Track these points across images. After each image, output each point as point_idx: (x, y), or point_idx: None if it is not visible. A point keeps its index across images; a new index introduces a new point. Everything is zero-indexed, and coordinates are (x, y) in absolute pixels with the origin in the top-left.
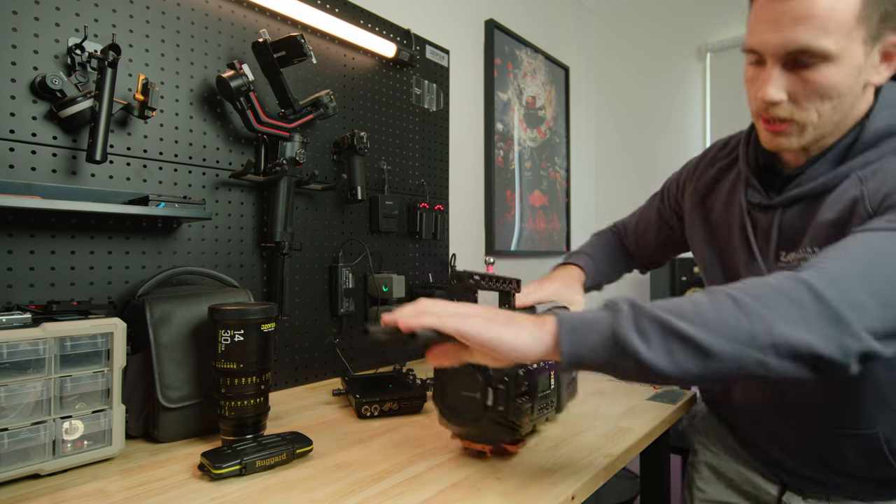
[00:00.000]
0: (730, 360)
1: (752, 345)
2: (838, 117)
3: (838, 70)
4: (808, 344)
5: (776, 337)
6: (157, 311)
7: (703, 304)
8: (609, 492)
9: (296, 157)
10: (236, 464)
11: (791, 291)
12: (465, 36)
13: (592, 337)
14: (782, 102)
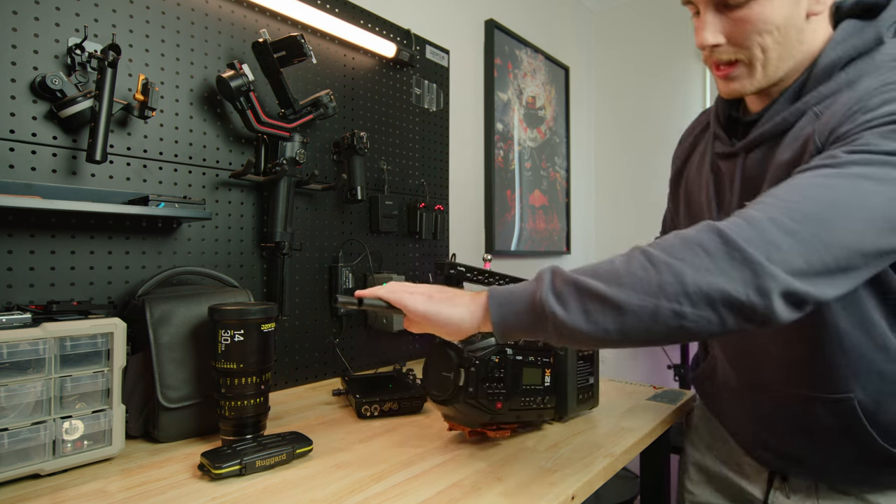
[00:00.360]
0: (644, 313)
1: (662, 295)
2: (785, 51)
3: (769, 4)
4: (719, 289)
5: (687, 285)
6: (157, 311)
7: (617, 263)
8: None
9: (296, 157)
10: (236, 464)
11: (702, 240)
12: (465, 36)
13: (517, 305)
14: (722, 45)
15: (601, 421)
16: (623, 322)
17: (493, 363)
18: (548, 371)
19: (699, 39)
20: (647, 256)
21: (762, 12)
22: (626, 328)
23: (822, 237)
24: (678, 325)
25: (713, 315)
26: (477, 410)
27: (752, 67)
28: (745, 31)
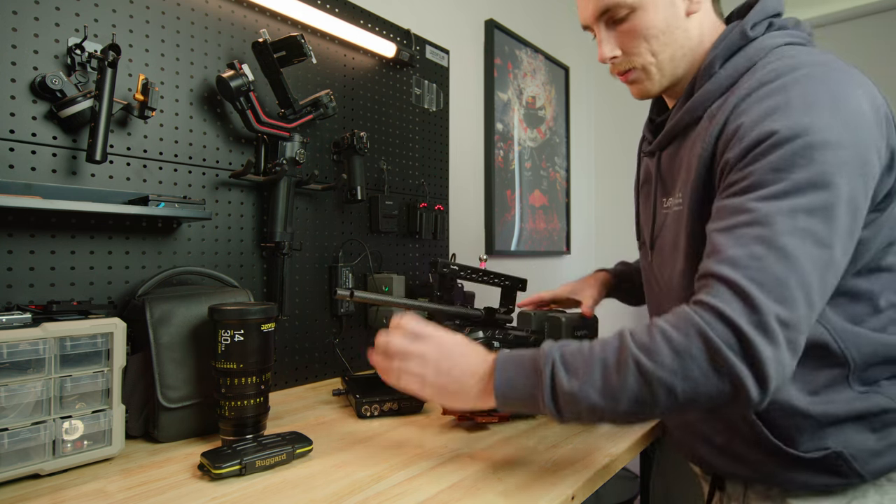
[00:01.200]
0: (635, 418)
1: (657, 408)
2: (674, 50)
3: (647, 13)
4: (708, 396)
5: (678, 400)
6: (157, 311)
7: (611, 372)
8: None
9: (296, 157)
10: (236, 464)
11: (690, 350)
12: (465, 36)
13: (519, 397)
14: (619, 56)
15: None
16: (614, 422)
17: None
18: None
19: (600, 55)
20: (640, 369)
21: (643, 21)
22: (616, 424)
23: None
24: (664, 416)
25: (693, 410)
26: None
27: (648, 71)
28: (633, 40)
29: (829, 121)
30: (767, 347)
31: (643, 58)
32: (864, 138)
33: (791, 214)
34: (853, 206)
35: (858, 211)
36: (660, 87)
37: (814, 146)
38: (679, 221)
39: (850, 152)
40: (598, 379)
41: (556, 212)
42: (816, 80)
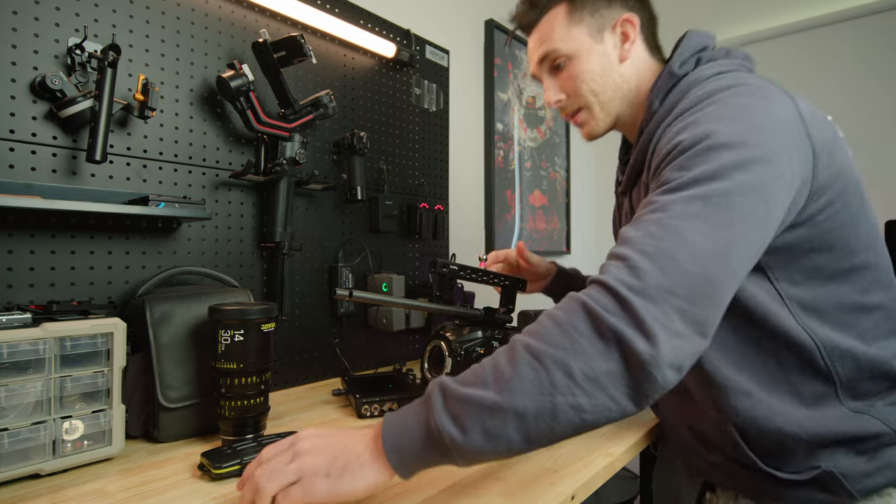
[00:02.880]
0: (544, 415)
1: (556, 391)
2: (613, 92)
3: (581, 61)
4: (605, 370)
5: (575, 375)
6: (157, 311)
7: (503, 364)
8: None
9: (296, 157)
10: (236, 464)
11: (574, 323)
12: (464, 36)
13: (413, 443)
14: (563, 99)
15: None
16: (526, 429)
17: (477, 354)
18: None
19: (546, 100)
20: (531, 351)
21: (580, 67)
22: (530, 435)
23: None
24: (580, 419)
25: (607, 399)
26: None
27: (592, 110)
28: (574, 84)
29: (730, 126)
30: (648, 307)
31: (585, 98)
32: (769, 140)
33: (687, 201)
34: (757, 196)
35: (766, 203)
36: (605, 127)
37: (714, 147)
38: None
39: (751, 151)
40: (491, 375)
41: (556, 212)
42: (726, 101)
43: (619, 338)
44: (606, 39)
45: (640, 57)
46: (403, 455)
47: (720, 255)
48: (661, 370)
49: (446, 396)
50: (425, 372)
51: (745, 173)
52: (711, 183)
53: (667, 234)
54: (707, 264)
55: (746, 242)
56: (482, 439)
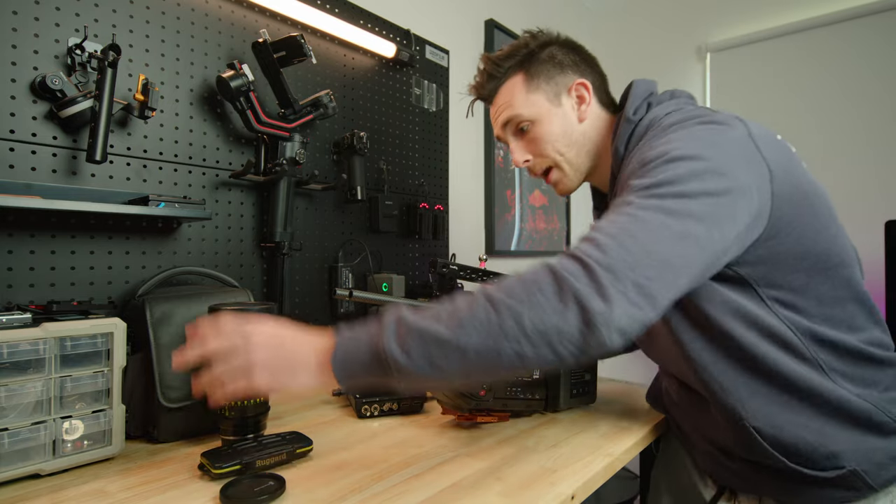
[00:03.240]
0: (488, 354)
1: (503, 337)
2: (578, 149)
3: (543, 124)
4: (554, 326)
5: (525, 326)
6: (157, 311)
7: (461, 305)
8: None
9: (296, 157)
10: (236, 464)
11: (539, 280)
12: (465, 36)
13: (360, 356)
14: (530, 160)
15: (601, 421)
16: (467, 364)
17: None
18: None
19: (514, 161)
20: (489, 299)
21: (542, 130)
22: (469, 370)
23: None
24: (519, 364)
25: (550, 352)
26: (463, 397)
27: (561, 168)
28: (539, 145)
29: (687, 144)
30: (610, 276)
31: (552, 158)
32: (722, 155)
33: (646, 198)
34: (711, 200)
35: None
36: (577, 182)
37: (671, 159)
38: None
39: (706, 163)
40: (446, 313)
41: (556, 212)
42: (683, 130)
43: (578, 297)
44: (564, 103)
45: (596, 114)
46: (348, 370)
47: (675, 245)
48: (610, 331)
49: (399, 324)
50: None
51: (700, 182)
52: (669, 187)
53: (630, 222)
54: (664, 249)
55: (704, 239)
56: (424, 365)
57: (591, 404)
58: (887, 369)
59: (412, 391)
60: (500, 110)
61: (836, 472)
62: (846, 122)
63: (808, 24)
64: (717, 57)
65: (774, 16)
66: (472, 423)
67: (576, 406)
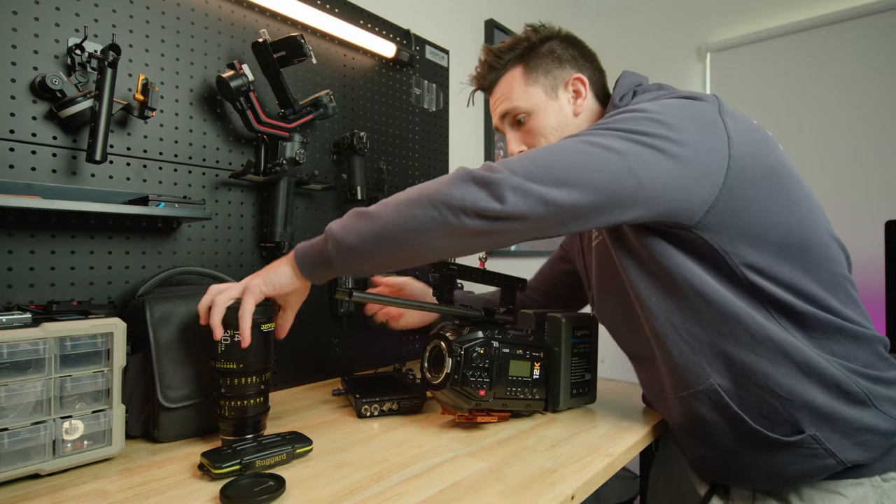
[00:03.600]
0: (401, 218)
1: (405, 205)
2: None
3: (539, 116)
4: (458, 196)
5: (434, 199)
6: (157, 311)
7: (395, 196)
8: (609, 492)
9: (296, 157)
10: (236, 464)
11: (454, 174)
12: (464, 36)
13: (314, 252)
14: (525, 150)
15: (601, 421)
16: (380, 226)
17: (476, 353)
18: (537, 364)
19: (510, 152)
20: (416, 189)
21: (539, 122)
22: (379, 231)
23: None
24: (415, 225)
25: (436, 212)
26: (462, 396)
27: None
28: (534, 137)
29: (657, 107)
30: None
31: None
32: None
33: (580, 133)
34: (644, 140)
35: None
36: None
37: (637, 116)
38: (604, 250)
39: (656, 115)
40: (379, 205)
41: None
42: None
43: (476, 177)
44: (561, 97)
45: (591, 108)
46: (305, 260)
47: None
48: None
49: (342, 218)
50: (425, 372)
51: (635, 123)
52: (603, 127)
53: (552, 147)
54: (564, 159)
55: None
56: (354, 238)
57: (591, 404)
58: (864, 345)
59: (349, 270)
60: (498, 101)
61: (797, 437)
62: (846, 122)
63: (808, 24)
64: (717, 57)
65: (774, 16)
66: (472, 423)
67: (576, 406)
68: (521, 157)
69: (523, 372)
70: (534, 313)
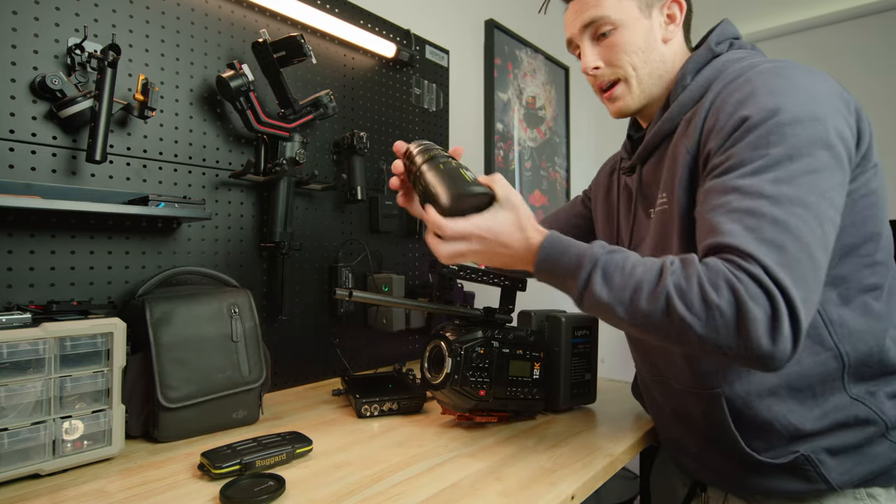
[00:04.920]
0: (647, 334)
1: (671, 338)
2: (652, 69)
3: (627, 31)
4: (721, 347)
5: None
6: (157, 311)
7: (641, 296)
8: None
9: (296, 157)
10: (236, 464)
11: (722, 307)
12: (465, 36)
13: (553, 275)
14: (601, 67)
15: (601, 421)
16: (620, 327)
17: (476, 354)
18: (537, 364)
19: (583, 65)
20: (669, 305)
21: (623, 37)
22: (620, 328)
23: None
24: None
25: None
26: (462, 396)
27: (629, 84)
28: (615, 53)
29: (792, 100)
30: (788, 317)
31: (624, 70)
32: (828, 112)
33: (775, 184)
34: (831, 170)
35: (837, 173)
36: (638, 104)
37: (784, 124)
38: (666, 218)
39: (817, 125)
40: (628, 299)
41: None
42: (775, 72)
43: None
44: (654, 17)
45: (678, 41)
46: (542, 277)
47: (819, 239)
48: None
49: (588, 285)
50: (425, 372)
51: (816, 148)
52: (793, 163)
53: (771, 226)
54: (813, 250)
55: (833, 217)
56: (588, 312)
57: (591, 404)
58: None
59: (580, 300)
60: (585, 7)
61: (790, 458)
62: None
63: (808, 24)
64: None
65: (774, 16)
66: (472, 422)
67: (576, 406)
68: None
69: (523, 372)
70: (534, 313)
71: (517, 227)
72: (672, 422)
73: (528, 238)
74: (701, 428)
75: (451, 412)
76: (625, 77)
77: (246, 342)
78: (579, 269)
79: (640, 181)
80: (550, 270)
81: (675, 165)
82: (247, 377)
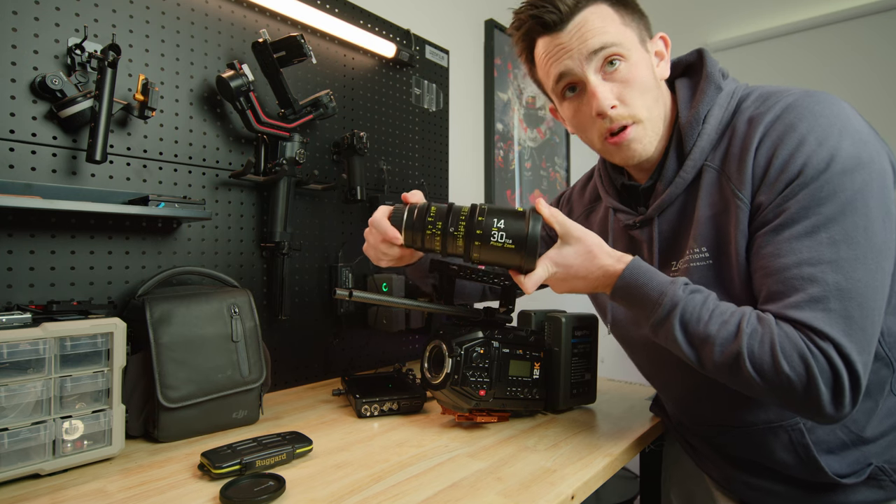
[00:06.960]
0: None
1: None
2: (657, 109)
3: (635, 65)
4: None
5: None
6: (157, 311)
7: (713, 348)
8: (609, 492)
9: (296, 157)
10: (236, 464)
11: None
12: (464, 36)
13: (630, 303)
14: (617, 106)
15: (601, 421)
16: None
17: (476, 354)
18: (537, 364)
19: (598, 106)
20: (740, 364)
21: (634, 71)
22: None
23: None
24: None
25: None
26: (462, 397)
27: (644, 126)
28: (631, 91)
29: (841, 147)
30: (851, 391)
31: (640, 110)
32: (874, 151)
33: (832, 246)
34: (885, 216)
35: (889, 219)
36: (651, 150)
37: (835, 175)
38: (711, 274)
39: (867, 170)
40: (699, 346)
41: None
42: (816, 112)
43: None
44: (649, 50)
45: (662, 81)
46: (623, 301)
47: (880, 295)
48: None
49: (665, 323)
50: (425, 372)
51: (869, 196)
52: (846, 218)
53: (836, 296)
54: (874, 314)
55: (890, 271)
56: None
57: (591, 404)
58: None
59: (654, 332)
60: (588, 35)
61: (867, 473)
62: None
63: (809, 23)
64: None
65: (774, 16)
66: (472, 422)
67: (576, 406)
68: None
69: (523, 372)
70: (534, 313)
71: (588, 259)
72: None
73: (603, 266)
74: (779, 459)
75: (451, 412)
76: (640, 118)
77: (246, 342)
78: (658, 307)
79: (659, 233)
80: (627, 299)
81: (727, 222)
82: (247, 377)
